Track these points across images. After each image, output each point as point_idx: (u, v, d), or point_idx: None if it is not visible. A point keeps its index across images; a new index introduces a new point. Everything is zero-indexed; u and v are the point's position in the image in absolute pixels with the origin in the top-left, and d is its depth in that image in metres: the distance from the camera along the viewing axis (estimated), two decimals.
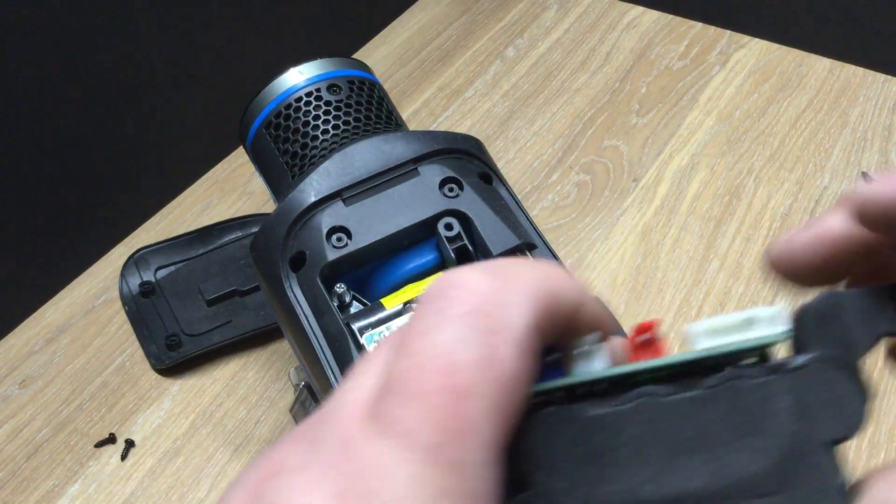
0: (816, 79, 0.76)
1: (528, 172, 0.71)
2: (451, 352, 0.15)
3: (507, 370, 0.16)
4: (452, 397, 0.15)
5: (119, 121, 0.65)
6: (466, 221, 0.40)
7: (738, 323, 0.19)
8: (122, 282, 0.63)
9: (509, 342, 0.16)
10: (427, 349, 0.15)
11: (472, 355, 0.15)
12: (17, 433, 0.57)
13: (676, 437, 0.18)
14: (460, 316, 0.16)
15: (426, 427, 0.15)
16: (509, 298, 0.16)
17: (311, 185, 0.40)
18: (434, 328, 0.16)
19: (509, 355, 0.16)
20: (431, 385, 0.15)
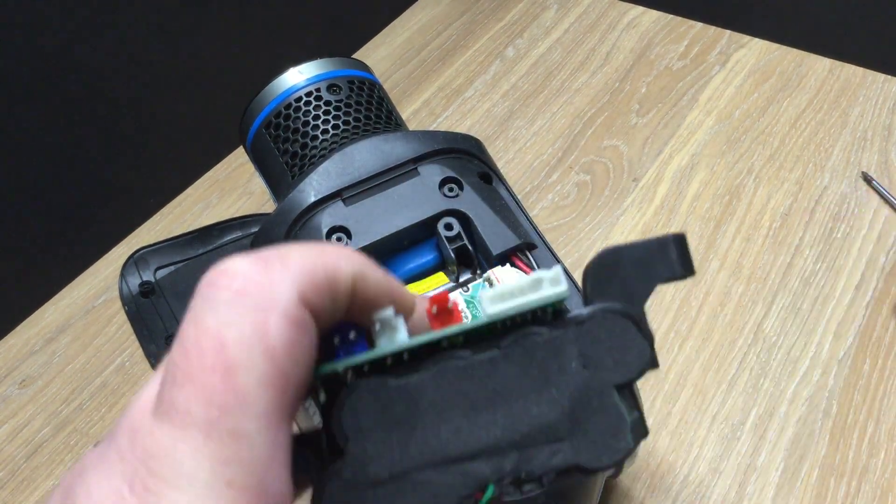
0: (816, 79, 0.76)
1: (528, 172, 0.71)
2: (218, 332, 0.17)
3: (275, 343, 0.17)
4: (222, 374, 0.16)
5: (119, 121, 0.65)
6: (466, 221, 0.40)
7: (526, 285, 0.20)
8: (121, 282, 0.63)
9: (276, 317, 0.17)
10: (196, 334, 0.17)
11: (239, 333, 0.16)
12: (17, 433, 0.57)
13: (475, 396, 0.19)
14: (226, 299, 0.17)
15: (199, 405, 0.16)
16: (274, 277, 0.17)
17: (310, 184, 0.40)
18: (203, 314, 0.17)
19: (277, 328, 0.17)
20: (201, 365, 0.16)
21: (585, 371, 0.20)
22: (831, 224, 0.65)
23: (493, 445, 0.19)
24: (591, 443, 0.19)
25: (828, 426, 0.53)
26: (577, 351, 0.20)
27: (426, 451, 0.19)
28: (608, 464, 0.19)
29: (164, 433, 0.16)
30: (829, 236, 0.64)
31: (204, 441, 0.16)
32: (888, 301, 0.59)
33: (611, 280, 0.21)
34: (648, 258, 0.21)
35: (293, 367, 0.17)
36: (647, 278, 0.21)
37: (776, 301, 0.60)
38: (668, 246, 0.21)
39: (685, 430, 0.53)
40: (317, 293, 0.18)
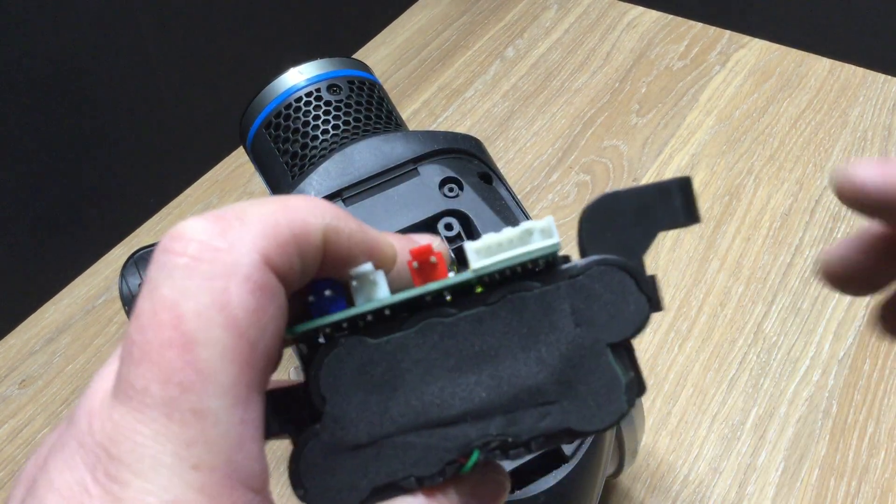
0: (816, 79, 0.76)
1: (528, 172, 0.71)
2: (175, 303, 0.15)
3: (238, 311, 0.15)
4: (179, 349, 0.15)
5: (119, 121, 0.65)
6: (466, 221, 0.40)
7: (515, 237, 0.19)
8: (122, 282, 0.63)
9: (237, 283, 0.15)
10: (152, 306, 0.15)
11: (197, 303, 0.15)
12: (17, 433, 0.57)
13: (460, 355, 0.18)
14: (182, 266, 0.15)
15: (157, 383, 0.15)
16: (232, 239, 0.16)
17: (311, 185, 0.40)
18: (158, 284, 0.16)
19: (238, 296, 0.15)
20: (157, 341, 0.15)
21: (578, 328, 0.18)
22: (831, 224, 0.65)
23: (479, 408, 0.18)
24: (583, 405, 0.18)
25: (828, 426, 0.53)
26: (570, 307, 0.19)
27: (408, 413, 0.18)
28: (600, 427, 0.18)
29: (122, 416, 0.15)
30: (830, 236, 0.64)
31: (165, 423, 0.15)
32: None
33: (607, 229, 0.19)
34: (649, 204, 0.19)
35: (259, 337, 0.16)
36: (647, 226, 0.19)
37: (776, 301, 0.60)
38: (671, 191, 0.20)
39: (685, 430, 0.53)
40: (282, 253, 0.16)
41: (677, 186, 0.20)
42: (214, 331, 0.15)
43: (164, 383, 0.15)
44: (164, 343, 0.15)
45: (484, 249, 0.19)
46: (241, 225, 0.16)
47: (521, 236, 0.19)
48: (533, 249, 0.19)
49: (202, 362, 0.15)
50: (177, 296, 0.15)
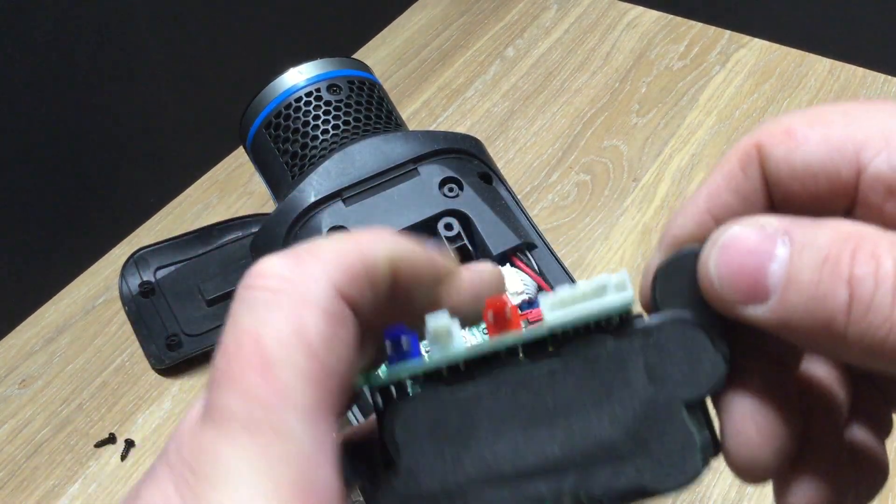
0: (816, 79, 0.76)
1: (528, 172, 0.71)
2: (255, 332, 0.17)
3: (313, 337, 0.17)
4: (260, 371, 0.16)
5: (119, 121, 0.65)
6: (466, 221, 0.40)
7: (589, 291, 0.19)
8: (122, 282, 0.63)
9: (311, 311, 0.17)
10: (235, 335, 0.17)
11: (276, 330, 0.16)
12: (17, 433, 0.57)
13: (533, 408, 0.18)
14: (261, 299, 0.17)
15: (241, 404, 0.16)
16: (307, 272, 0.17)
17: (311, 184, 0.40)
18: (240, 316, 0.17)
19: (314, 323, 0.17)
20: (240, 365, 0.16)
21: (652, 385, 0.18)
22: None
23: (552, 463, 0.18)
24: (657, 463, 0.18)
25: None
26: (644, 363, 0.18)
27: (481, 466, 0.18)
28: (675, 487, 0.18)
29: (207, 436, 0.16)
30: None
31: (247, 440, 0.16)
32: None
33: (683, 285, 0.19)
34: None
35: (333, 361, 0.17)
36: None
37: None
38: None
39: None
40: (353, 283, 0.18)
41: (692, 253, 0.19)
42: (293, 355, 0.16)
43: (246, 403, 0.16)
44: (247, 367, 0.16)
45: (558, 303, 0.19)
46: (314, 259, 0.18)
47: (595, 290, 0.19)
48: (607, 305, 0.18)
49: (282, 382, 0.16)
50: (257, 325, 0.17)
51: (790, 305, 0.16)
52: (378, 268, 0.18)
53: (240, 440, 0.16)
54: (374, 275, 0.18)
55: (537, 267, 0.39)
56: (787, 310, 0.16)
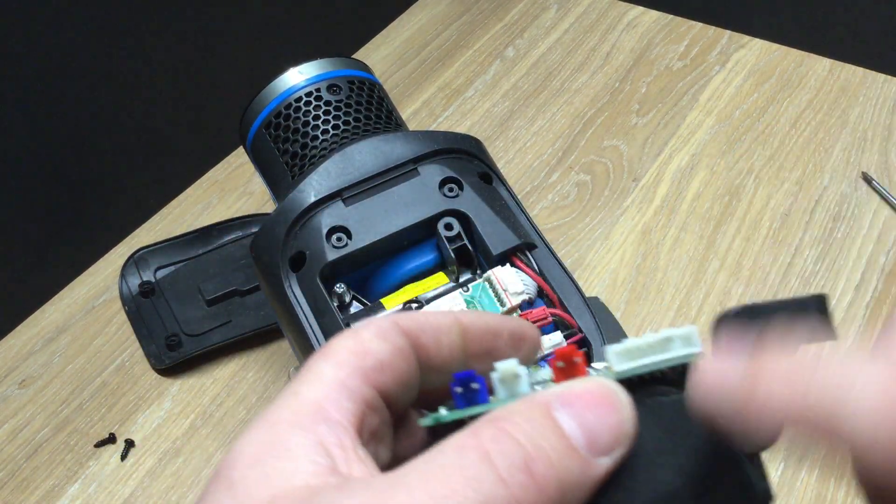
0: (816, 79, 0.76)
1: (528, 172, 0.71)
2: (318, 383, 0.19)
3: (358, 392, 0.19)
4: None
5: (119, 121, 0.65)
6: (466, 221, 0.40)
7: (655, 343, 0.19)
8: (121, 282, 0.63)
9: (365, 370, 0.19)
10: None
11: (333, 376, 0.19)
12: (17, 433, 0.57)
13: None
14: (334, 361, 0.20)
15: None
16: (363, 336, 0.20)
17: (311, 185, 0.40)
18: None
19: (357, 385, 0.19)
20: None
21: (714, 436, 0.18)
22: (831, 224, 0.65)
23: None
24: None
25: None
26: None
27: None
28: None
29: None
30: (829, 237, 0.64)
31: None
32: (888, 301, 0.59)
33: (744, 341, 0.19)
34: (794, 317, 0.19)
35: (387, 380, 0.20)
36: (784, 340, 0.19)
37: None
38: (809, 306, 0.19)
39: None
40: (373, 377, 0.20)
41: (815, 303, 0.19)
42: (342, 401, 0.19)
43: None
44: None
45: (625, 353, 0.19)
46: (369, 330, 0.20)
47: (662, 343, 0.19)
48: (674, 357, 0.19)
49: (335, 414, 0.19)
50: (320, 375, 0.20)
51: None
52: (425, 335, 0.21)
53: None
54: (423, 340, 0.21)
55: (537, 267, 0.39)
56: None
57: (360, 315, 0.38)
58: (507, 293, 0.37)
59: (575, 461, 0.17)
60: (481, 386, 0.19)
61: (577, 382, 0.19)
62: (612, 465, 0.18)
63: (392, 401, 0.20)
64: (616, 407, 0.18)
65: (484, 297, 0.38)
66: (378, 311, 0.38)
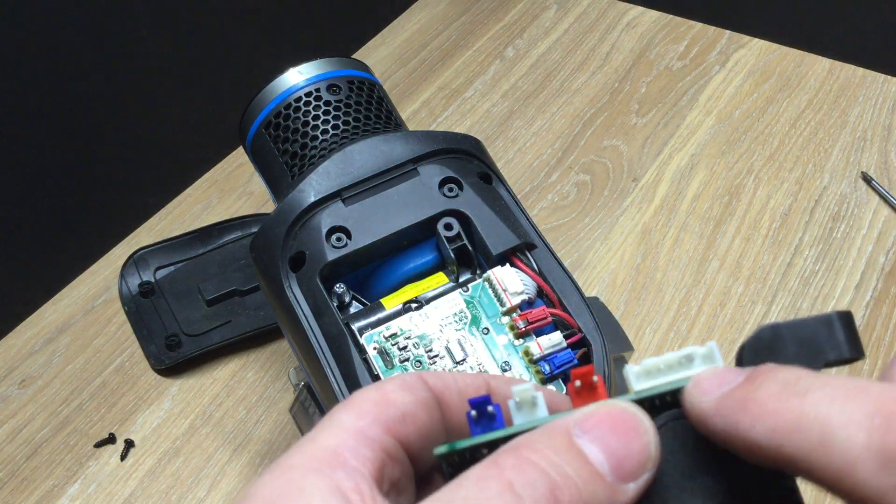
0: (816, 79, 0.76)
1: (527, 172, 0.71)
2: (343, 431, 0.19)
3: (378, 442, 0.19)
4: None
5: (119, 121, 0.65)
6: (466, 221, 0.40)
7: (675, 362, 0.19)
8: (121, 282, 0.63)
9: (387, 420, 0.19)
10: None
11: (352, 425, 0.19)
12: (16, 433, 0.57)
13: None
14: (358, 411, 0.20)
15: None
16: (387, 388, 0.20)
17: (310, 185, 0.40)
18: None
19: (378, 434, 0.19)
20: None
21: (740, 460, 0.18)
22: (831, 224, 0.65)
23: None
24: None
25: None
26: None
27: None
28: None
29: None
30: (829, 236, 0.64)
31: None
32: (888, 301, 0.59)
33: (769, 360, 0.19)
34: (811, 338, 0.18)
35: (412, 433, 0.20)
36: (810, 360, 0.18)
37: (776, 301, 0.60)
38: (834, 324, 0.19)
39: None
40: (394, 429, 0.20)
41: (840, 320, 0.19)
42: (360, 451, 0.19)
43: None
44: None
45: (644, 373, 0.19)
46: (383, 389, 0.20)
47: (682, 361, 0.19)
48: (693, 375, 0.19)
49: (352, 463, 0.19)
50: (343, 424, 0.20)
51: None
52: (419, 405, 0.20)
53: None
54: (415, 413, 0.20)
55: (537, 267, 0.39)
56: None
57: (359, 315, 0.38)
58: (507, 293, 0.37)
59: (601, 488, 0.17)
60: (497, 412, 0.19)
61: (596, 407, 0.18)
62: (639, 491, 0.17)
63: (415, 453, 0.20)
64: (639, 430, 0.18)
65: (483, 297, 0.38)
66: (378, 311, 0.38)
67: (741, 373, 0.18)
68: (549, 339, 0.36)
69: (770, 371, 0.17)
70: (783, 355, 0.18)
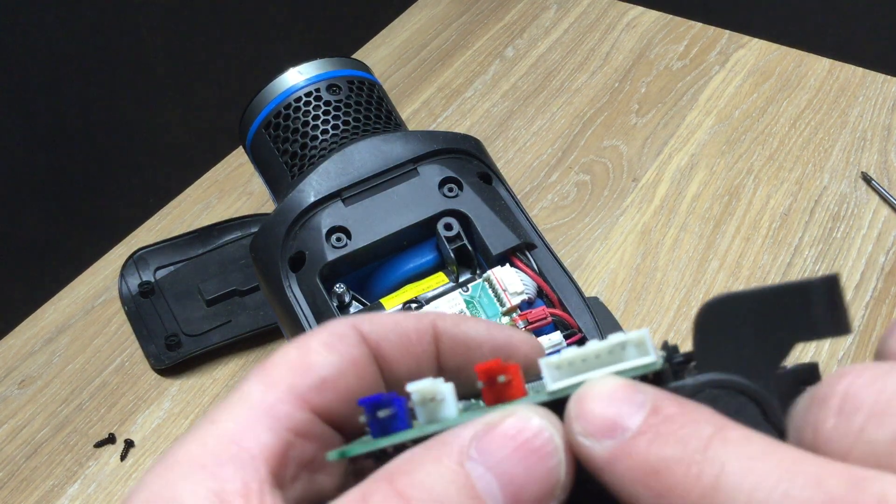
0: (816, 79, 0.76)
1: (527, 172, 0.71)
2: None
3: (287, 420, 0.17)
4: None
5: (119, 121, 0.65)
6: (466, 221, 0.40)
7: (603, 352, 0.16)
8: (121, 282, 0.63)
9: (303, 390, 0.17)
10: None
11: (259, 401, 0.17)
12: (16, 433, 0.57)
13: None
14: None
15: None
16: (310, 346, 0.18)
17: (310, 185, 0.40)
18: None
19: (287, 411, 0.17)
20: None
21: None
22: (831, 224, 0.65)
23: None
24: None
25: None
26: None
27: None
28: None
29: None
30: (829, 236, 0.64)
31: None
32: (888, 301, 0.59)
33: (728, 339, 0.16)
34: (782, 310, 0.15)
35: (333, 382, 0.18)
36: (778, 337, 0.15)
37: None
38: (812, 292, 0.15)
39: None
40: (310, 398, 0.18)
41: (822, 288, 0.15)
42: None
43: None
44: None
45: (565, 365, 0.16)
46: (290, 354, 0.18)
47: (612, 351, 0.16)
48: (625, 369, 0.16)
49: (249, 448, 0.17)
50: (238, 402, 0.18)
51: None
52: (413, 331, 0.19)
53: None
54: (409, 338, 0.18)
55: (537, 267, 0.39)
56: None
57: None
58: (507, 293, 0.37)
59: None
60: (398, 411, 0.16)
61: (501, 416, 0.15)
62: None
63: (342, 421, 0.18)
64: (545, 451, 0.15)
65: (483, 297, 0.38)
66: (378, 311, 0.38)
67: (643, 405, 0.14)
68: (549, 339, 0.36)
69: (678, 415, 0.14)
70: (745, 331, 0.15)
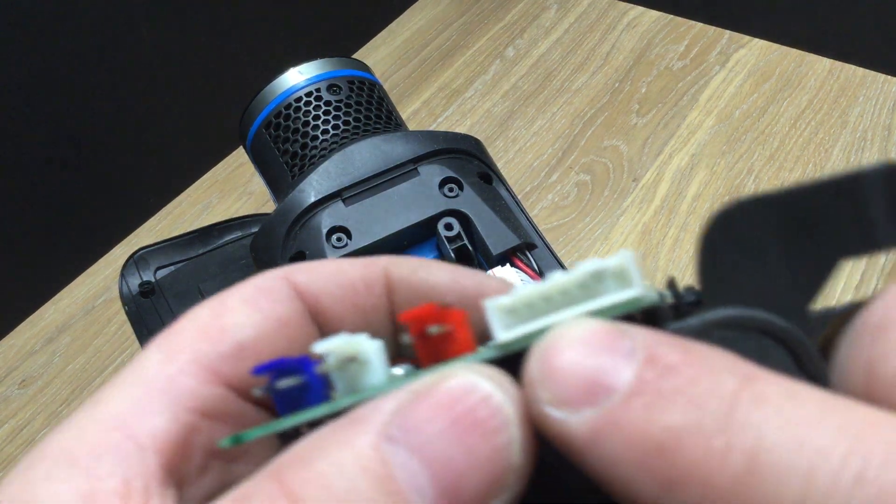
0: (816, 79, 0.76)
1: (528, 172, 0.71)
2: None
3: (190, 398, 0.14)
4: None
5: (119, 121, 0.65)
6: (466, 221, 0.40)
7: (571, 287, 0.12)
8: (121, 282, 0.63)
9: (212, 359, 0.14)
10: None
11: (156, 374, 0.14)
12: (17, 433, 0.57)
13: None
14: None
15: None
16: (228, 304, 0.15)
17: (310, 185, 0.40)
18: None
19: (192, 386, 0.14)
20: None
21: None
22: None
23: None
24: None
25: None
26: None
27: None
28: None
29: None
30: None
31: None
32: None
33: (745, 261, 0.11)
34: (821, 214, 0.11)
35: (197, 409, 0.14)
36: (817, 254, 0.11)
37: None
38: (864, 186, 0.11)
39: None
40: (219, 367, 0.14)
41: (879, 179, 0.10)
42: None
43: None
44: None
45: (521, 308, 0.12)
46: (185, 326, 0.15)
47: (584, 284, 0.11)
48: (603, 307, 0.11)
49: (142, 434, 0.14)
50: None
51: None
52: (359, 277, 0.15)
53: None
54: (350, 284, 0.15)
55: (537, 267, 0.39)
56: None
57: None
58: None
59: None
60: (310, 379, 0.13)
61: (433, 381, 0.11)
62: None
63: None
64: (490, 426, 0.11)
65: None
66: None
67: (632, 353, 0.10)
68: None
69: (683, 364, 0.10)
70: (762, 256, 0.11)
